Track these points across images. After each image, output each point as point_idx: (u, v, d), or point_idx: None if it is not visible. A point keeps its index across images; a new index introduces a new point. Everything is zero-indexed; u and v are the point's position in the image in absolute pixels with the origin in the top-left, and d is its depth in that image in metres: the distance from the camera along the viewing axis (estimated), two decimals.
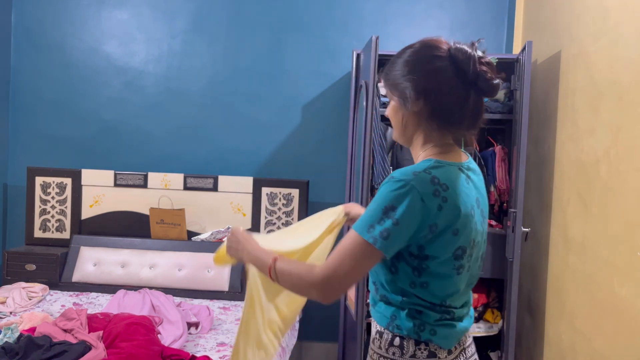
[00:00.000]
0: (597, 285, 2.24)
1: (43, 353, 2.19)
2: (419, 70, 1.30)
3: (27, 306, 3.06)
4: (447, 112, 1.29)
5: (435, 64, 1.28)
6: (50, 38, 3.82)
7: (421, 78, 1.29)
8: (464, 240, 1.27)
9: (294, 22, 3.72)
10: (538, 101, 3.08)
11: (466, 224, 1.26)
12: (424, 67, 1.30)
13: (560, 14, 2.81)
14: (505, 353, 2.91)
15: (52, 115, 3.83)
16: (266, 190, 3.59)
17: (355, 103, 3.25)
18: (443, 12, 3.66)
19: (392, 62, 1.38)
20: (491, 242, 3.10)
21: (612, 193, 2.14)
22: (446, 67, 1.27)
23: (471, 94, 1.27)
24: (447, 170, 1.26)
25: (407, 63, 1.32)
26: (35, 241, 3.68)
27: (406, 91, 1.30)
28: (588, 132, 2.39)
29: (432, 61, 1.29)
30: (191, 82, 3.78)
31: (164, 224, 3.56)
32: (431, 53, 1.30)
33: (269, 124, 3.74)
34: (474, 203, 1.30)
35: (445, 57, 1.28)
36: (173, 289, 3.32)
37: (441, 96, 1.27)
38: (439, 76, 1.27)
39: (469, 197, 1.28)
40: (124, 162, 3.78)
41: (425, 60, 1.30)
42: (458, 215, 1.24)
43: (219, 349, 2.58)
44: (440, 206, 1.22)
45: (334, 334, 3.60)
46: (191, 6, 3.76)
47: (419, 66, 1.30)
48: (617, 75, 2.14)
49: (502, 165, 3.21)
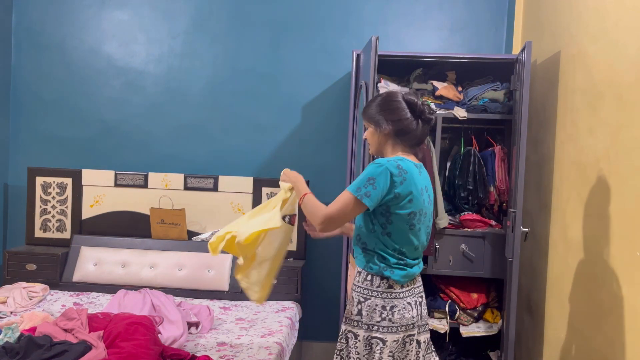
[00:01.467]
0: (596, 285, 2.24)
1: (43, 353, 2.19)
2: (387, 108, 2.06)
3: (27, 306, 3.06)
4: (405, 131, 2.05)
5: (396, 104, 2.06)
6: (51, 38, 3.83)
7: (388, 112, 2.05)
8: (415, 207, 1.99)
9: (294, 22, 3.73)
10: (537, 101, 3.09)
11: (417, 197, 1.99)
12: (389, 105, 2.06)
13: (560, 14, 2.82)
14: (505, 353, 2.91)
15: (52, 115, 3.83)
16: (266, 190, 3.59)
17: (355, 103, 3.26)
18: (443, 13, 3.67)
19: (368, 105, 2.12)
20: (491, 242, 3.10)
21: (612, 193, 2.14)
22: (403, 106, 2.05)
23: (419, 122, 2.05)
24: (407, 163, 2.00)
25: (378, 105, 2.08)
26: (35, 241, 3.68)
27: (380, 121, 2.06)
28: (587, 132, 2.39)
29: (394, 102, 2.06)
30: (191, 82, 3.78)
31: (165, 224, 3.57)
32: (393, 98, 2.07)
33: (269, 124, 3.75)
34: (423, 187, 2.04)
35: (401, 100, 2.05)
36: (173, 289, 3.33)
37: (400, 122, 2.04)
38: (399, 110, 2.04)
39: (420, 182, 2.02)
40: (124, 162, 3.79)
41: (390, 101, 2.07)
42: (412, 189, 1.97)
43: (219, 349, 2.59)
44: (401, 181, 1.95)
45: (334, 334, 3.60)
46: (191, 7, 3.76)
47: (385, 106, 2.07)
48: (616, 75, 2.15)
49: (501, 165, 3.21)
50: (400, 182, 1.94)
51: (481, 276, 3.13)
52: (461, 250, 3.11)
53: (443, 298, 3.22)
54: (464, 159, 3.26)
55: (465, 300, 3.15)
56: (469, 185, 3.21)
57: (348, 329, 2.05)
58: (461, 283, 3.22)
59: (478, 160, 3.23)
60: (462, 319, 3.15)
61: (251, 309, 3.20)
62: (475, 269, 3.12)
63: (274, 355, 2.53)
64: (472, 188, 3.21)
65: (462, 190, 3.22)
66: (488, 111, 3.18)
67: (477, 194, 3.21)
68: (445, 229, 3.12)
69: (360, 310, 2.02)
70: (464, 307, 3.15)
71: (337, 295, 3.40)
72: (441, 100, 3.28)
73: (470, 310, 3.15)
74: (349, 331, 2.05)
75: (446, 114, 3.18)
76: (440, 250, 3.12)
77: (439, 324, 3.15)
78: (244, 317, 3.07)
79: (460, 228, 3.18)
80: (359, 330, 2.01)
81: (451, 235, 3.13)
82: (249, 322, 2.99)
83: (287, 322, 3.00)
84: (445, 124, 3.22)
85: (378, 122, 2.06)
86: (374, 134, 2.09)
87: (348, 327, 2.05)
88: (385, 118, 2.04)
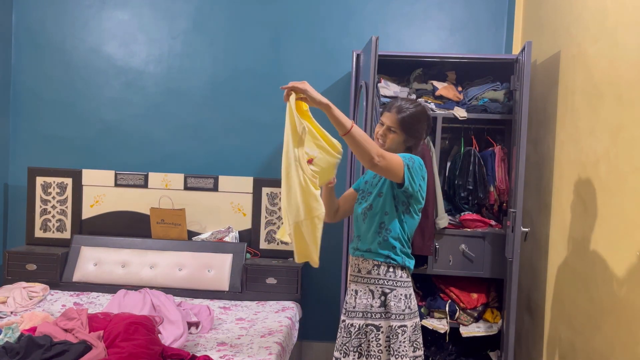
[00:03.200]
0: (596, 285, 2.24)
1: (44, 353, 2.19)
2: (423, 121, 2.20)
3: (27, 306, 3.06)
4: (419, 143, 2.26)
5: (428, 122, 2.24)
6: (51, 38, 3.83)
7: (422, 125, 2.20)
8: (423, 203, 2.17)
9: (294, 22, 3.73)
10: (537, 101, 3.09)
11: (427, 185, 2.19)
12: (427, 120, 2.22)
13: (560, 14, 2.81)
14: (505, 353, 2.91)
15: (53, 115, 3.84)
16: (266, 190, 3.59)
17: (355, 103, 3.26)
18: (443, 13, 3.67)
19: (403, 110, 2.15)
20: (491, 242, 3.10)
21: (612, 193, 2.14)
22: (430, 123, 2.26)
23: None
24: (419, 159, 2.16)
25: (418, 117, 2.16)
26: (35, 241, 3.68)
27: (413, 132, 2.16)
28: (587, 132, 2.39)
29: (428, 119, 2.24)
30: (191, 82, 3.78)
31: (165, 224, 3.57)
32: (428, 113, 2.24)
33: (269, 124, 3.75)
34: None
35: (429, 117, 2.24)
36: (173, 289, 3.33)
37: (422, 138, 2.25)
38: (427, 126, 2.25)
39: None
40: (124, 162, 3.79)
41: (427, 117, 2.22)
42: (425, 187, 2.16)
43: (219, 349, 2.59)
44: (423, 177, 2.13)
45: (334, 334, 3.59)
46: (191, 7, 3.76)
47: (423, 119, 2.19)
48: (616, 75, 2.15)
49: (501, 165, 3.21)
50: (423, 177, 2.13)
51: (481, 276, 3.13)
52: (461, 250, 3.11)
53: (443, 298, 3.22)
54: (464, 159, 3.26)
55: (465, 300, 3.15)
56: (469, 185, 3.21)
57: (367, 323, 2.09)
58: (461, 283, 3.22)
59: (478, 160, 3.23)
60: (462, 319, 3.15)
61: (251, 309, 3.20)
62: (475, 269, 3.12)
63: (274, 355, 2.53)
64: (472, 188, 3.21)
65: (462, 190, 3.22)
66: (488, 111, 3.18)
67: (477, 194, 3.21)
68: (445, 229, 3.12)
69: (384, 302, 2.09)
70: (464, 307, 3.15)
71: (337, 295, 3.40)
72: (441, 100, 3.28)
73: (470, 310, 3.15)
74: (368, 325, 2.09)
75: (446, 114, 3.18)
76: (440, 250, 3.12)
77: (439, 324, 3.15)
78: (244, 317, 3.07)
79: (460, 228, 3.18)
80: (381, 321, 2.08)
81: (451, 235, 3.13)
82: (249, 322, 2.99)
83: (287, 322, 3.00)
84: (445, 124, 3.22)
85: (413, 134, 2.16)
86: (399, 142, 2.15)
87: (367, 321, 2.08)
88: (419, 131, 2.17)
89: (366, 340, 2.09)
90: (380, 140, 2.16)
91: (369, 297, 2.10)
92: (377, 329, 2.08)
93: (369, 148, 1.93)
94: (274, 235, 3.60)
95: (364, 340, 2.10)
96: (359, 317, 2.10)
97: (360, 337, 2.10)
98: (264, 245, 3.61)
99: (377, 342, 2.07)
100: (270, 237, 3.61)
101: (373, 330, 2.07)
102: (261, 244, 3.61)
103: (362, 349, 2.09)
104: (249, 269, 3.38)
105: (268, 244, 3.61)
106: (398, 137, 2.14)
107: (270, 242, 3.61)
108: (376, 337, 2.07)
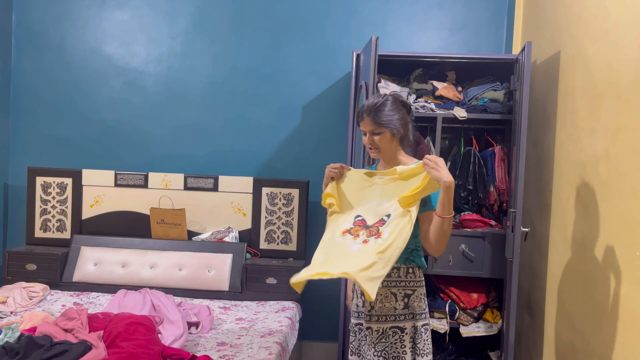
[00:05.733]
0: (596, 285, 2.24)
1: (44, 353, 2.19)
2: (401, 109, 2.08)
3: (27, 306, 3.06)
4: (410, 132, 2.13)
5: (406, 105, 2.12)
6: (51, 38, 3.83)
7: (403, 113, 2.08)
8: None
9: (294, 22, 3.73)
10: (537, 101, 3.09)
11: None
12: (404, 106, 2.10)
13: (560, 14, 2.82)
14: (505, 353, 2.91)
15: (53, 115, 3.84)
16: (266, 190, 3.60)
17: (355, 103, 3.26)
18: (442, 13, 3.67)
19: (378, 110, 2.05)
20: (491, 242, 3.10)
21: (612, 193, 2.14)
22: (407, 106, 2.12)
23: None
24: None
25: (392, 108, 2.06)
26: (35, 241, 3.68)
27: (397, 124, 2.05)
28: (587, 132, 2.39)
29: (404, 104, 2.11)
30: (191, 82, 3.78)
31: (165, 224, 3.57)
32: (400, 99, 2.09)
33: (269, 124, 3.75)
34: None
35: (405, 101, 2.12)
36: (173, 289, 3.33)
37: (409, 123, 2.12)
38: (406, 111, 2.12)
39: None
40: (124, 162, 3.79)
41: (403, 102, 2.10)
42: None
43: (219, 349, 2.59)
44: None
45: (334, 334, 3.60)
46: (191, 7, 3.76)
47: (400, 107, 2.08)
48: (616, 75, 2.15)
49: (501, 165, 3.21)
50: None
51: (481, 276, 3.13)
52: (461, 250, 3.12)
53: (443, 298, 3.22)
54: (464, 159, 3.26)
55: (465, 300, 3.15)
56: (469, 185, 3.21)
57: (390, 326, 2.08)
58: (461, 283, 3.22)
59: (478, 160, 3.23)
60: (462, 319, 3.15)
61: (251, 309, 3.20)
62: (475, 269, 3.12)
63: (274, 355, 2.53)
64: (472, 188, 3.21)
65: (462, 190, 3.23)
66: (488, 111, 3.18)
67: (477, 194, 3.21)
68: None
69: (407, 304, 2.09)
70: (464, 307, 3.16)
71: (337, 295, 3.40)
72: (441, 100, 3.29)
73: (470, 310, 3.15)
74: (392, 327, 2.08)
75: (446, 114, 3.18)
76: None
77: (439, 324, 3.15)
78: (244, 317, 3.07)
79: (460, 228, 3.18)
80: (405, 323, 2.08)
81: (451, 235, 3.09)
82: (249, 322, 2.99)
83: (287, 322, 3.00)
84: (445, 124, 3.22)
85: (396, 125, 2.04)
86: (391, 139, 2.06)
87: (391, 324, 2.06)
88: (398, 118, 2.04)
89: (388, 343, 2.07)
90: (371, 148, 2.09)
91: (392, 300, 2.09)
92: (401, 330, 2.07)
93: (446, 241, 2.00)
94: (273, 235, 3.60)
95: (388, 343, 2.08)
96: (382, 320, 2.08)
97: (383, 341, 2.08)
98: (264, 245, 3.61)
99: (402, 342, 2.07)
100: (270, 237, 3.61)
101: (397, 332, 2.07)
102: (261, 244, 3.61)
103: (386, 353, 2.06)
104: (249, 269, 3.38)
105: (268, 244, 3.61)
106: (384, 136, 2.05)
107: (270, 242, 3.61)
108: (400, 338, 2.07)
